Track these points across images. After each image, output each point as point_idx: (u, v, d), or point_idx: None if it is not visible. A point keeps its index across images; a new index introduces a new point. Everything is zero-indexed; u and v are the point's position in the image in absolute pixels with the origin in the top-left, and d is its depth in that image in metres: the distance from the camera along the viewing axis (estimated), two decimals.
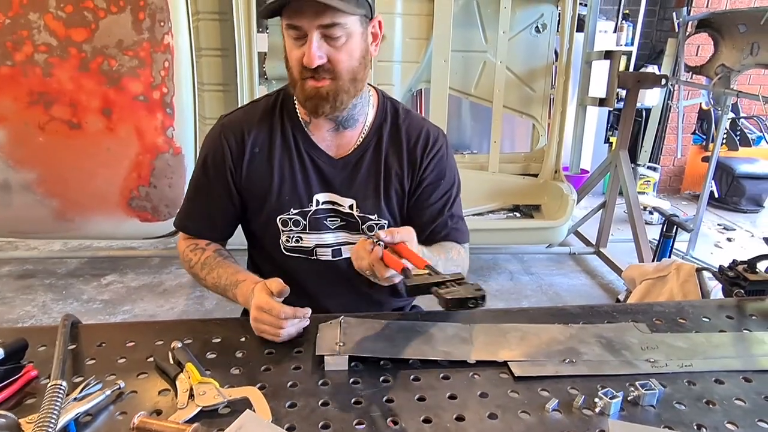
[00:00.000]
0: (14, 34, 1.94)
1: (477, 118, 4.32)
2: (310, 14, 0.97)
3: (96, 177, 2.13)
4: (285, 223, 1.17)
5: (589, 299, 3.05)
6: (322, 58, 1.00)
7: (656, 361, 0.95)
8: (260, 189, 1.16)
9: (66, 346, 0.92)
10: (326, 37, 1.00)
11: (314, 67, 1.00)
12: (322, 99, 1.04)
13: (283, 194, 1.15)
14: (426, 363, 0.94)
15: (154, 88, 2.04)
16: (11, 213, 2.18)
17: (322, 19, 0.97)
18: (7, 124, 2.03)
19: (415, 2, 3.07)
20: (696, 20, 3.24)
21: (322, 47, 1.00)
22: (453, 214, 1.24)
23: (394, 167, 1.18)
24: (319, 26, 0.98)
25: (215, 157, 1.16)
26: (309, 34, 0.99)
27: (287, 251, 1.20)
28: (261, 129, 1.15)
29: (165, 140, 2.10)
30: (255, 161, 1.15)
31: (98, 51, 1.98)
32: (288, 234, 1.18)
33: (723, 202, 4.60)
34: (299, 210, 1.17)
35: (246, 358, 0.95)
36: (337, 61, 1.02)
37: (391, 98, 1.24)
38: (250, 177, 1.15)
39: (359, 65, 1.05)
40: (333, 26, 0.98)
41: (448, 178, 1.22)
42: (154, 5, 1.97)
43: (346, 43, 1.01)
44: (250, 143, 1.14)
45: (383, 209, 1.18)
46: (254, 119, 1.16)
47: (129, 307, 2.78)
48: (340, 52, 1.01)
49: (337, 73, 1.03)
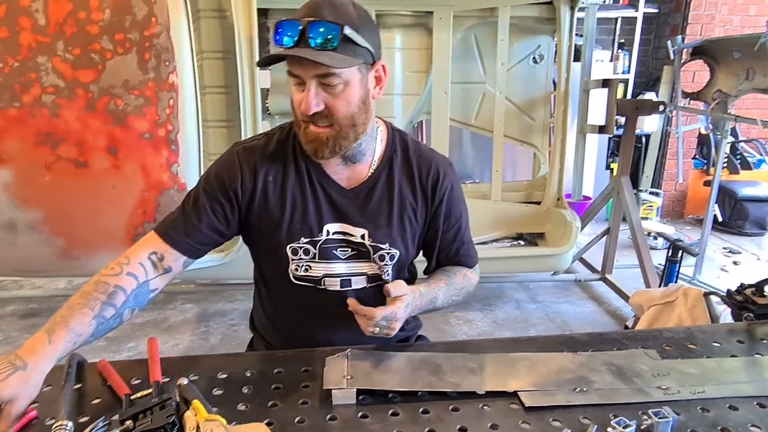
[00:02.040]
0: (23, 77, 1.98)
1: (478, 148, 4.36)
2: (307, 64, 0.99)
3: (102, 214, 2.14)
4: (295, 251, 1.18)
5: (596, 326, 3.02)
6: (318, 106, 1.02)
7: (668, 388, 0.94)
8: (272, 217, 1.17)
9: (72, 386, 0.92)
10: (324, 85, 1.02)
11: (312, 114, 1.03)
12: (322, 144, 1.07)
13: (294, 223, 1.16)
14: (435, 395, 0.93)
15: (159, 126, 2.07)
16: (17, 252, 2.18)
17: (319, 70, 1.00)
18: (14, 165, 2.05)
19: (414, 37, 3.13)
20: (691, 48, 3.29)
21: (320, 95, 1.02)
22: (463, 240, 1.29)
23: (408, 198, 1.20)
24: (316, 76, 1.01)
25: (227, 175, 1.15)
26: (307, 83, 1.01)
27: (296, 279, 1.20)
28: (275, 159, 1.17)
29: (170, 176, 2.12)
30: (268, 189, 1.16)
31: (105, 91, 2.01)
32: (297, 263, 1.19)
33: (727, 226, 4.59)
34: (309, 239, 1.17)
35: (253, 393, 0.94)
36: (334, 108, 1.04)
37: (400, 130, 1.27)
38: (261, 205, 1.16)
39: (358, 111, 1.07)
40: (329, 76, 1.01)
41: (458, 208, 1.26)
42: (160, 46, 2.01)
43: (344, 91, 1.03)
44: (263, 171, 1.16)
45: (395, 238, 1.20)
46: (269, 149, 1.18)
47: (134, 344, 2.76)
48: (338, 100, 1.03)
49: (336, 120, 1.05)
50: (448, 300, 1.22)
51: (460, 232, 1.27)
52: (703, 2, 4.48)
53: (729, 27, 4.68)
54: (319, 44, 0.97)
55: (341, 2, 1.02)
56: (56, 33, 1.97)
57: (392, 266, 1.21)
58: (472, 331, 2.95)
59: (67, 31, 1.97)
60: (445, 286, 1.21)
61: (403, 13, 3.06)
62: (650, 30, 4.91)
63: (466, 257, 1.30)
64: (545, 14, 3.13)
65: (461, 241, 1.28)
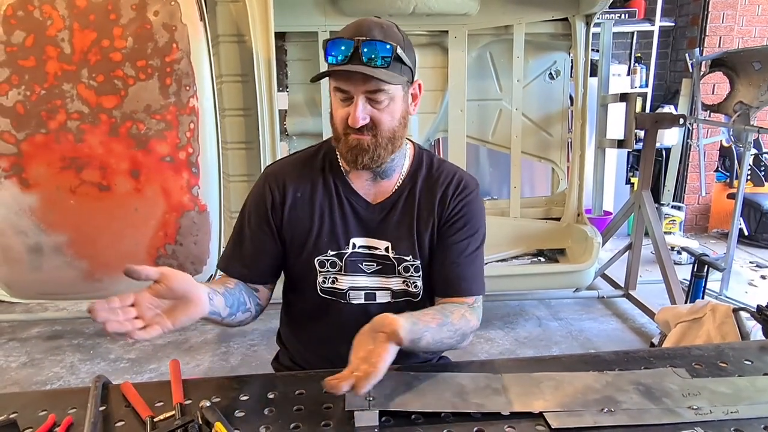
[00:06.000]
0: (49, 104, 2.04)
1: (495, 165, 4.35)
2: (357, 80, 1.05)
3: (124, 237, 2.17)
4: (322, 264, 1.21)
5: (621, 344, 2.96)
6: (365, 119, 1.08)
7: (699, 408, 0.91)
8: (301, 230, 1.21)
9: (97, 408, 0.92)
10: (371, 100, 1.08)
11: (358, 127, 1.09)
12: (363, 150, 1.11)
13: (322, 236, 1.21)
14: (459, 416, 0.91)
15: (180, 149, 2.10)
16: (42, 275, 2.22)
17: (369, 86, 1.06)
18: (40, 189, 2.10)
19: (429, 56, 3.16)
20: (710, 60, 3.26)
21: (366, 109, 1.08)
22: (472, 261, 1.21)
23: (427, 208, 1.22)
24: (366, 92, 1.07)
25: (258, 203, 1.23)
26: (355, 97, 1.07)
27: (323, 292, 1.23)
28: (303, 175, 1.23)
29: (191, 198, 2.15)
30: (297, 205, 1.21)
31: (127, 116, 2.06)
32: (324, 275, 1.22)
33: (754, 239, 4.49)
34: (336, 252, 1.21)
35: (275, 415, 0.94)
36: (379, 121, 1.10)
37: (427, 150, 1.30)
38: (291, 220, 1.21)
39: (399, 125, 1.13)
40: (378, 92, 1.07)
41: (474, 223, 1.22)
42: (180, 71, 2.05)
43: (389, 106, 1.10)
44: (292, 188, 1.21)
45: (416, 250, 1.21)
46: (297, 167, 1.24)
47: (155, 366, 2.77)
48: (383, 114, 1.10)
49: (379, 131, 1.11)
50: (437, 342, 1.06)
51: (469, 247, 1.21)
52: (721, 14, 4.45)
53: (748, 38, 4.63)
54: (374, 61, 1.04)
55: (388, 24, 1.10)
56: (81, 61, 2.03)
57: (420, 278, 1.22)
58: (493, 349, 2.92)
59: (91, 59, 2.03)
60: (437, 326, 1.05)
61: (419, 32, 3.09)
62: (667, 43, 4.89)
63: (472, 280, 1.20)
64: (560, 30, 3.13)
65: (470, 260, 1.20)
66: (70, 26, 2.00)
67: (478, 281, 1.22)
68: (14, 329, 3.21)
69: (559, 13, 3.05)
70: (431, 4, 2.79)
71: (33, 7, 1.99)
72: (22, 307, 3.40)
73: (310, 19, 2.91)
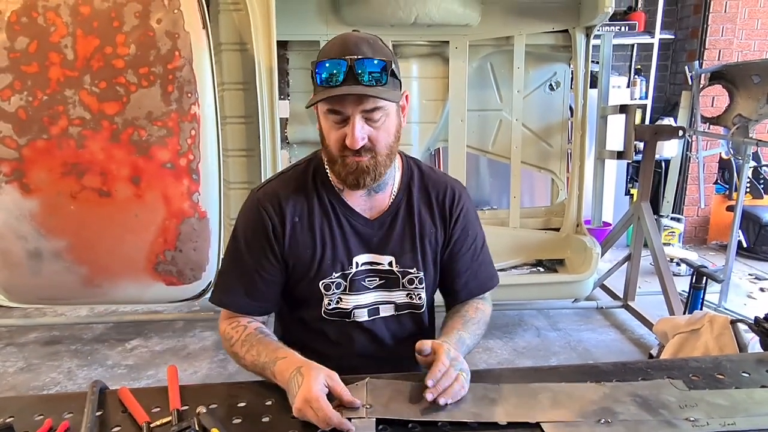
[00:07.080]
0: (51, 110, 2.05)
1: (495, 175, 4.36)
2: (353, 100, 1.02)
3: (124, 243, 2.17)
4: (327, 287, 1.19)
5: (620, 355, 2.95)
6: (364, 139, 1.06)
7: (697, 420, 0.91)
8: (304, 256, 1.17)
9: (94, 413, 0.92)
10: (366, 119, 1.05)
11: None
12: (363, 172, 1.09)
13: (326, 259, 1.18)
14: (455, 425, 0.91)
15: (181, 156, 2.11)
16: (41, 280, 2.22)
17: (366, 105, 1.03)
18: (41, 195, 2.10)
19: (430, 66, 3.18)
20: (709, 73, 3.28)
21: (364, 128, 1.05)
22: (481, 261, 1.29)
23: (428, 221, 1.23)
24: (362, 111, 1.04)
25: (256, 230, 1.16)
26: (352, 118, 1.04)
27: (327, 315, 1.21)
28: (298, 198, 1.18)
29: (191, 205, 2.15)
30: (296, 230, 1.17)
31: (129, 122, 2.06)
32: (330, 297, 1.20)
33: (752, 252, 4.49)
34: (341, 273, 1.19)
35: (272, 422, 0.94)
36: (377, 140, 1.08)
37: (411, 157, 1.30)
38: (292, 246, 1.17)
39: (394, 140, 1.12)
40: (375, 110, 1.05)
41: (474, 228, 1.28)
42: (182, 78, 2.06)
43: (385, 122, 1.08)
44: (290, 213, 1.17)
45: (420, 262, 1.22)
46: (289, 189, 1.19)
47: (153, 372, 2.77)
48: (380, 132, 1.08)
49: (377, 151, 1.08)
50: (474, 337, 1.19)
51: (477, 251, 1.28)
52: (720, 28, 4.48)
53: (747, 52, 4.66)
54: (372, 80, 1.01)
55: (373, 38, 1.07)
56: (83, 67, 2.04)
57: (423, 290, 1.23)
58: (491, 359, 2.91)
59: (94, 65, 2.04)
60: (462, 326, 1.18)
61: (420, 43, 3.11)
62: (667, 56, 4.91)
63: (486, 278, 1.30)
64: (561, 42, 3.15)
65: (480, 261, 1.29)
66: (73, 33, 2.02)
67: (491, 276, 1.31)
68: (12, 334, 3.20)
69: (559, 25, 3.07)
70: (432, 15, 2.81)
71: (37, 14, 2.00)
72: (20, 312, 3.39)
73: (312, 27, 2.93)
